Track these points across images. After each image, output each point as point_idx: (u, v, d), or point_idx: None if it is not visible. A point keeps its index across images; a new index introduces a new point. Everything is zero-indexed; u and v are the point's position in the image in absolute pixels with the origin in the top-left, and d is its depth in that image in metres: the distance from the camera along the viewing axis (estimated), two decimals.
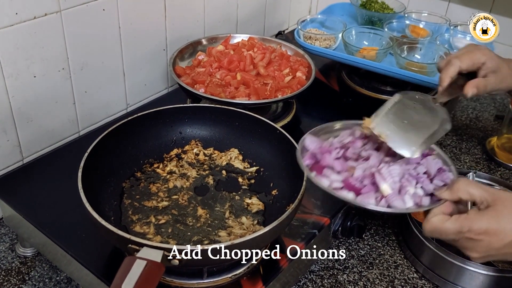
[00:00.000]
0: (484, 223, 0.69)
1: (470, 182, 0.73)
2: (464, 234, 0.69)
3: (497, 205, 0.70)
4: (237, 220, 0.82)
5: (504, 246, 0.69)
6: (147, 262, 0.60)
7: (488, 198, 0.70)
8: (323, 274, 0.93)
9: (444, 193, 0.74)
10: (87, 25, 1.01)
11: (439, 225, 0.71)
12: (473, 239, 0.69)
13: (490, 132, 1.35)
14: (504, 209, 0.69)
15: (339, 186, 0.74)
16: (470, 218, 0.70)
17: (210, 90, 1.05)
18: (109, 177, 0.86)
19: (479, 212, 0.70)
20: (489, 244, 0.69)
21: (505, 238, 0.68)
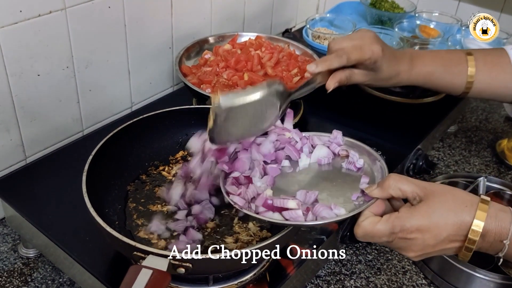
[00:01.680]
0: (415, 221, 0.66)
1: (401, 177, 0.70)
2: (397, 234, 0.67)
3: (428, 199, 0.67)
4: (243, 226, 0.81)
5: (439, 243, 0.67)
6: (153, 271, 0.59)
7: (420, 193, 0.68)
8: (330, 279, 0.91)
9: (374, 191, 0.71)
10: (92, 23, 0.99)
11: (370, 228, 0.68)
12: (407, 238, 0.67)
13: (500, 134, 1.33)
14: (436, 203, 0.67)
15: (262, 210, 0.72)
16: (401, 217, 0.67)
17: (217, 90, 1.04)
18: (113, 180, 0.84)
19: (410, 209, 0.68)
20: (424, 242, 0.67)
21: (439, 234, 0.66)
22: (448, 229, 0.66)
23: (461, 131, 1.35)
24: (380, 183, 0.72)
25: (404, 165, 1.07)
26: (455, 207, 0.66)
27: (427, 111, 1.22)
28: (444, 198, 0.67)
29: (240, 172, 0.77)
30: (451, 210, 0.66)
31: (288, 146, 0.81)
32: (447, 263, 0.89)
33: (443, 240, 0.67)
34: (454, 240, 0.67)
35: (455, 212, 0.66)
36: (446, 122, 1.25)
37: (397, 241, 0.68)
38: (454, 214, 0.66)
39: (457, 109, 1.27)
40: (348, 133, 0.84)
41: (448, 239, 0.67)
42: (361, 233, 0.69)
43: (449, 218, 0.66)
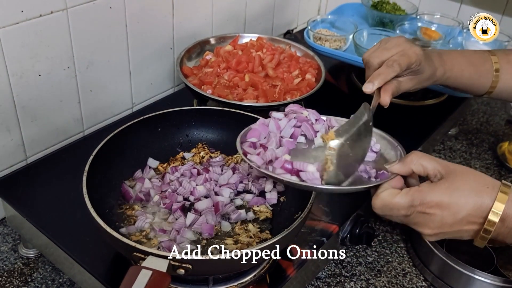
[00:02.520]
0: (436, 196, 0.65)
1: (423, 154, 0.70)
2: (416, 207, 0.66)
3: (450, 177, 0.66)
4: (243, 228, 0.81)
5: (457, 222, 0.66)
6: (152, 272, 0.59)
7: (441, 171, 0.67)
8: (330, 281, 0.91)
9: (395, 166, 0.70)
10: (94, 23, 0.99)
11: (389, 199, 0.67)
12: (426, 213, 0.66)
13: (501, 137, 1.33)
14: (457, 182, 0.66)
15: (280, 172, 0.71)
16: (422, 191, 0.66)
17: (218, 91, 1.04)
18: (114, 180, 0.84)
19: (431, 185, 0.67)
20: (442, 219, 0.66)
21: (458, 212, 0.65)
22: (467, 209, 0.64)
23: (462, 134, 1.35)
24: (401, 159, 0.71)
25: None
26: (476, 187, 0.65)
27: (428, 113, 1.22)
28: (466, 177, 0.66)
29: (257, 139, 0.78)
30: (473, 190, 0.65)
31: (305, 123, 0.81)
32: (447, 265, 0.89)
33: (461, 220, 0.65)
34: (473, 221, 0.65)
35: (476, 192, 0.65)
36: (447, 125, 1.25)
37: (415, 215, 0.67)
38: (475, 194, 0.65)
39: (458, 112, 1.27)
40: None
41: (467, 219, 0.65)
42: (380, 204, 0.68)
43: (469, 197, 0.65)
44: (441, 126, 1.18)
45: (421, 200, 0.66)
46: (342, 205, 0.93)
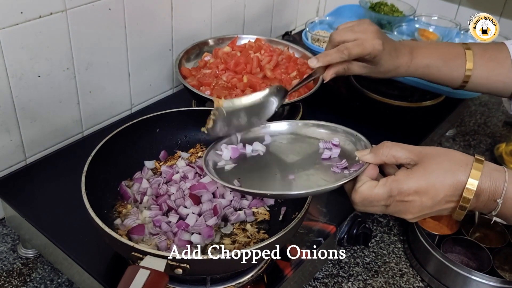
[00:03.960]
0: (413, 183, 0.66)
1: (394, 144, 0.71)
2: (395, 197, 0.67)
3: (424, 162, 0.67)
4: (241, 228, 0.81)
5: (437, 203, 0.67)
6: (150, 272, 0.59)
7: (414, 158, 0.68)
8: (327, 281, 0.92)
9: (367, 156, 0.71)
10: (93, 25, 1.00)
11: (368, 193, 0.68)
12: (404, 201, 0.67)
13: (498, 139, 1.34)
14: (432, 165, 0.67)
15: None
16: (398, 180, 0.67)
17: (216, 92, 1.04)
18: (112, 181, 0.84)
19: (407, 172, 0.68)
20: (421, 203, 0.67)
21: (436, 195, 0.66)
22: (445, 190, 0.66)
23: (459, 135, 1.35)
24: (373, 149, 0.72)
25: None
26: (451, 167, 0.67)
27: (426, 115, 1.23)
28: (440, 159, 0.68)
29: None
30: (447, 171, 0.66)
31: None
32: (444, 266, 0.89)
33: (440, 201, 0.67)
34: (450, 200, 0.67)
35: (451, 172, 0.66)
36: (444, 126, 1.25)
37: (395, 204, 0.68)
38: (450, 174, 0.66)
39: (456, 113, 1.27)
40: None
41: (445, 199, 0.67)
42: (359, 198, 0.69)
43: (445, 178, 0.66)
44: (438, 127, 1.19)
45: (399, 190, 0.67)
46: (340, 206, 0.93)
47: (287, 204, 0.85)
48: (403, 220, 1.04)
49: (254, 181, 0.76)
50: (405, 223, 1.05)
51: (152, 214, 0.80)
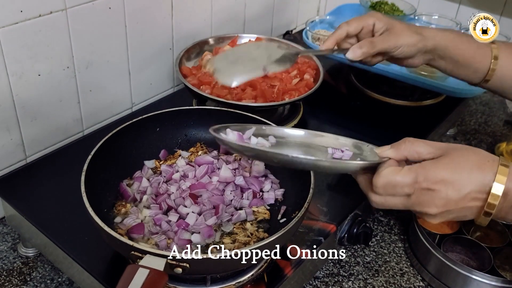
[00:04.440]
0: (440, 171, 0.64)
1: (416, 140, 0.68)
2: (421, 184, 0.64)
3: (450, 154, 0.65)
4: (241, 227, 0.81)
5: (462, 198, 0.64)
6: (150, 271, 0.59)
7: (437, 152, 0.66)
8: (328, 280, 0.92)
9: (387, 151, 0.69)
10: (93, 24, 1.00)
11: (392, 177, 0.65)
12: (430, 189, 0.64)
13: (499, 138, 1.33)
14: (458, 158, 0.65)
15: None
16: (425, 166, 0.64)
17: (216, 91, 1.04)
18: (112, 180, 0.84)
19: (433, 161, 0.65)
20: (447, 195, 0.64)
21: (462, 188, 0.63)
22: (471, 184, 0.63)
23: (460, 134, 1.35)
24: (394, 144, 0.69)
25: None
26: (477, 162, 0.64)
27: (426, 114, 1.22)
28: (466, 153, 0.65)
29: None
30: (474, 165, 0.64)
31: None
32: (444, 265, 0.89)
33: (465, 196, 0.64)
34: (476, 197, 0.64)
35: (478, 166, 0.64)
36: (445, 125, 1.25)
37: (419, 192, 0.65)
38: (477, 168, 0.64)
39: (457, 112, 1.27)
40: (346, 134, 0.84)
41: (470, 196, 0.64)
42: (382, 182, 0.65)
43: (472, 172, 0.64)
44: (439, 126, 1.19)
45: (425, 176, 0.64)
46: (340, 205, 0.93)
47: (287, 203, 0.85)
48: (403, 219, 1.05)
49: None
50: (405, 222, 1.05)
51: (152, 213, 0.80)
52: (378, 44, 0.90)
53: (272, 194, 0.86)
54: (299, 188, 0.82)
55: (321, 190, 0.95)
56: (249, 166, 0.90)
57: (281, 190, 0.87)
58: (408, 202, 0.66)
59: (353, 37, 0.95)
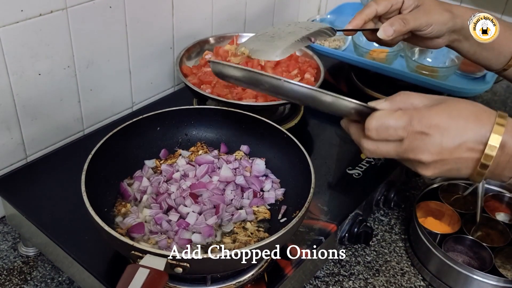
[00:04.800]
0: (435, 117, 0.61)
1: (411, 93, 0.66)
2: (414, 127, 0.61)
3: (447, 102, 0.63)
4: (241, 226, 0.81)
5: (457, 147, 0.61)
6: (150, 271, 0.59)
7: (433, 103, 0.64)
8: (328, 280, 0.91)
9: (382, 104, 0.65)
10: (94, 23, 1.00)
11: (385, 118, 0.62)
12: (424, 133, 0.61)
13: None
14: (455, 105, 0.62)
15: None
16: (420, 110, 0.62)
17: (217, 90, 1.04)
18: (112, 179, 0.84)
19: (428, 106, 0.63)
20: (441, 142, 0.61)
21: (458, 136, 0.61)
22: (468, 133, 0.61)
23: None
24: (388, 98, 0.67)
25: (403, 166, 1.06)
26: (474, 111, 0.62)
27: None
28: (464, 103, 0.63)
29: None
30: (471, 114, 0.62)
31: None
32: (445, 265, 0.89)
33: (461, 145, 0.61)
34: (472, 148, 0.61)
35: (475, 116, 0.62)
36: None
37: (413, 136, 0.62)
38: (474, 117, 0.61)
39: None
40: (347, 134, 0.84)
41: (466, 145, 0.61)
42: (375, 124, 0.62)
43: (469, 121, 0.61)
44: None
45: (420, 119, 0.61)
46: (341, 204, 0.93)
47: (287, 202, 0.85)
48: (404, 218, 1.05)
49: None
50: (406, 221, 1.04)
51: (152, 212, 0.80)
52: (410, 22, 0.85)
53: (273, 194, 0.86)
54: (300, 187, 0.82)
55: (322, 189, 0.94)
56: (249, 165, 0.90)
57: (282, 189, 0.87)
58: (401, 148, 0.63)
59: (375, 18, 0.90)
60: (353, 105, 0.64)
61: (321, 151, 1.06)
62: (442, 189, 1.04)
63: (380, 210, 1.07)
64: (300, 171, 0.82)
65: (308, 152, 0.83)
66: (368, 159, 1.02)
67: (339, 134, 1.13)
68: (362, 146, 0.67)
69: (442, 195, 1.03)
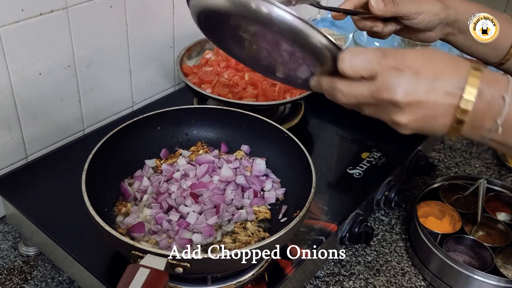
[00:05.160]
0: (410, 57, 0.58)
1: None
2: (388, 60, 0.58)
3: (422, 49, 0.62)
4: (242, 226, 0.81)
5: (434, 89, 0.57)
6: (150, 271, 0.59)
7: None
8: (329, 280, 0.91)
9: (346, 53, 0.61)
10: (94, 22, 0.99)
11: (360, 51, 0.59)
12: (399, 68, 0.58)
13: None
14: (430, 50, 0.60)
15: None
16: (394, 49, 0.60)
17: (217, 90, 1.04)
18: (113, 179, 0.84)
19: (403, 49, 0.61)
20: (417, 81, 0.57)
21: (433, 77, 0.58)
22: (444, 76, 0.58)
23: None
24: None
25: (404, 166, 1.07)
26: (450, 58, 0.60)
27: None
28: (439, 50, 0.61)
29: None
30: (447, 59, 0.59)
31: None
32: (446, 265, 0.89)
33: (437, 88, 0.57)
34: (449, 93, 0.57)
35: (450, 60, 0.59)
36: None
37: (387, 72, 0.58)
38: (449, 62, 0.59)
39: None
40: (348, 134, 0.84)
41: (443, 88, 0.58)
42: (348, 57, 0.59)
43: (444, 64, 0.59)
44: None
45: (394, 55, 0.59)
46: (341, 204, 0.93)
47: (288, 202, 0.85)
48: (405, 218, 1.05)
49: None
50: (407, 221, 1.04)
51: (153, 212, 0.80)
52: (400, 5, 0.82)
53: (273, 194, 0.86)
54: (300, 187, 0.82)
55: (322, 189, 0.94)
56: (250, 165, 0.90)
57: (282, 189, 0.87)
58: (375, 86, 0.59)
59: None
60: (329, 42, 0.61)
61: (322, 150, 1.06)
62: (443, 189, 1.04)
63: (380, 210, 1.07)
64: (301, 171, 0.82)
65: (309, 151, 0.83)
66: (369, 159, 1.02)
67: (340, 134, 1.13)
68: (335, 90, 0.62)
69: (443, 195, 1.03)
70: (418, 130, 0.62)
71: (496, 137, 0.59)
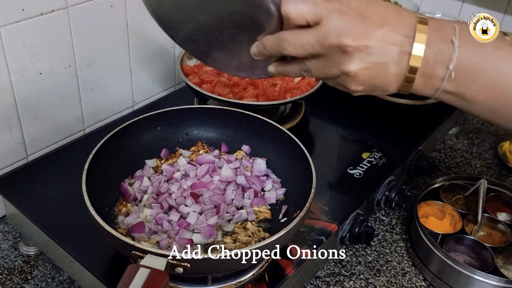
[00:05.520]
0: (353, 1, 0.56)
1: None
2: (334, 4, 0.55)
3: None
4: (242, 226, 0.81)
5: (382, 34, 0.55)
6: (150, 271, 0.59)
7: None
8: (329, 280, 0.91)
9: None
10: (95, 22, 0.99)
11: None
12: (344, 11, 0.55)
13: (502, 137, 1.33)
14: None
15: None
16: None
17: (218, 90, 1.04)
18: (113, 179, 0.84)
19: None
20: (364, 25, 0.55)
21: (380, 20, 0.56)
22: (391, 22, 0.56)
23: (462, 133, 1.34)
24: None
25: (404, 166, 1.07)
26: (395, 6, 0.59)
27: (429, 113, 1.22)
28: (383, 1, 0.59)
29: None
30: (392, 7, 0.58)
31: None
32: (446, 265, 0.89)
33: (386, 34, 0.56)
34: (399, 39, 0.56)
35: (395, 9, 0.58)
36: (447, 124, 1.24)
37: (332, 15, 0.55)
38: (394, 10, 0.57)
39: (459, 111, 1.26)
40: (349, 134, 0.84)
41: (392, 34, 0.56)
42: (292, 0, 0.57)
43: (389, 10, 0.57)
44: (441, 125, 1.18)
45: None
46: (342, 204, 0.93)
47: (288, 202, 0.85)
48: (405, 218, 1.05)
49: None
50: (407, 221, 1.04)
51: (153, 212, 0.80)
52: None
53: (274, 194, 0.86)
54: (301, 187, 0.81)
55: (323, 189, 0.94)
56: (250, 165, 0.90)
57: (283, 189, 0.87)
58: (321, 31, 0.56)
59: None
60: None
61: (322, 150, 1.06)
62: (444, 189, 1.04)
63: (381, 210, 1.06)
64: (301, 171, 0.82)
65: (309, 151, 0.82)
66: (369, 159, 1.02)
67: (340, 134, 1.13)
68: (281, 41, 0.59)
69: (444, 195, 1.03)
70: (369, 86, 0.59)
71: (449, 87, 0.58)
